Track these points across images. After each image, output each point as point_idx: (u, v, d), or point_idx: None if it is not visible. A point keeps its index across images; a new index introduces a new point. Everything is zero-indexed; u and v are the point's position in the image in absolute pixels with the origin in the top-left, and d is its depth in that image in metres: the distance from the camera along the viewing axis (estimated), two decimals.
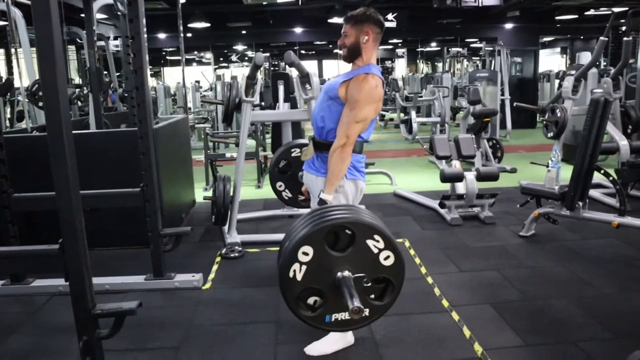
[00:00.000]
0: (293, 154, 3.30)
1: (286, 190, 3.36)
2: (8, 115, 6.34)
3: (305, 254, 1.79)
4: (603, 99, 3.66)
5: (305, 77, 4.03)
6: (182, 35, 5.88)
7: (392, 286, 1.89)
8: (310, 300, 1.88)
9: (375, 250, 1.82)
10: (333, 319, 1.90)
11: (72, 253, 1.90)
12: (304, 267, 1.80)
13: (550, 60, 20.69)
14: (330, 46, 20.80)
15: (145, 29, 3.23)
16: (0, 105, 5.37)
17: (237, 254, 3.83)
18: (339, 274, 1.81)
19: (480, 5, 9.53)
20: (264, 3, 11.44)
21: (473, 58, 18.73)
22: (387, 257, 1.83)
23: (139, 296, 3.06)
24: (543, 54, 17.49)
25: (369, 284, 1.84)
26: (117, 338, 2.02)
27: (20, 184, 3.24)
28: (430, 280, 3.29)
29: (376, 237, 1.81)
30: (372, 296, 1.90)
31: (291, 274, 1.80)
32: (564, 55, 21.21)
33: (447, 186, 4.89)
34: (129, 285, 3.22)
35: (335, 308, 1.88)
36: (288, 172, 3.32)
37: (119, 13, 4.42)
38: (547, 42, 20.46)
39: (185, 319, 2.85)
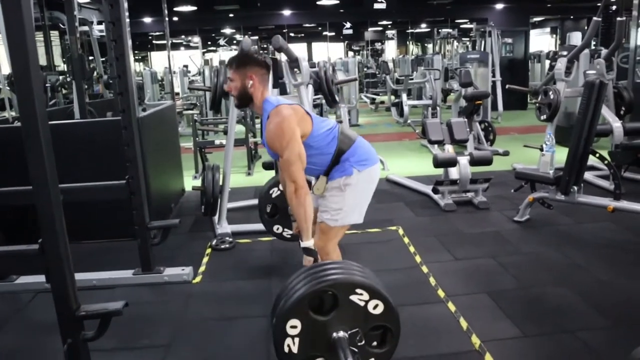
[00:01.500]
0: (273, 195, 3.17)
1: (285, 230, 3.25)
2: None
3: (294, 327, 1.75)
4: (598, 82, 3.59)
5: (294, 62, 3.91)
6: (167, 19, 5.70)
7: (390, 332, 1.84)
8: None
9: (362, 303, 1.78)
10: None
11: (52, 252, 1.81)
12: (296, 340, 1.77)
13: (540, 40, 20.61)
14: (320, 29, 20.52)
15: (127, 14, 3.11)
16: None
17: (227, 245, 3.75)
18: (334, 334, 1.77)
19: None
20: None
21: (463, 39, 18.59)
22: (375, 306, 1.79)
23: (128, 291, 3.00)
24: (533, 34, 17.35)
25: (362, 342, 1.80)
26: (105, 337, 1.94)
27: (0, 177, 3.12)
28: (425, 269, 3.23)
29: (358, 291, 1.77)
30: (374, 343, 1.85)
31: (286, 349, 1.77)
32: (554, 35, 21.13)
33: (440, 170, 4.83)
34: (117, 281, 3.13)
35: None
36: (277, 214, 3.20)
37: None
38: (537, 22, 20.35)
39: (176, 315, 2.78)
